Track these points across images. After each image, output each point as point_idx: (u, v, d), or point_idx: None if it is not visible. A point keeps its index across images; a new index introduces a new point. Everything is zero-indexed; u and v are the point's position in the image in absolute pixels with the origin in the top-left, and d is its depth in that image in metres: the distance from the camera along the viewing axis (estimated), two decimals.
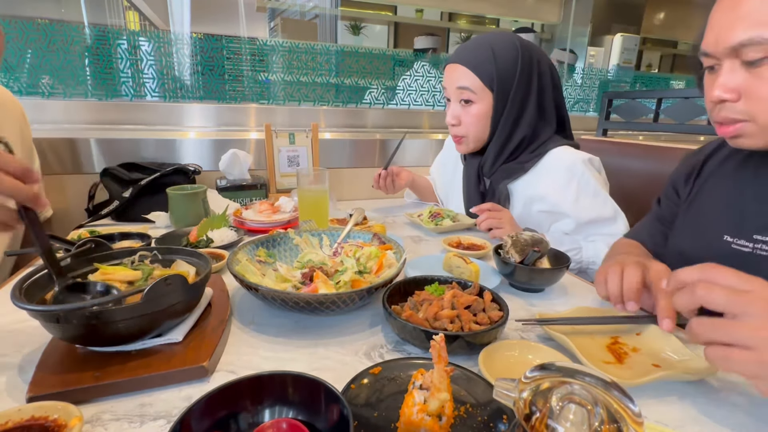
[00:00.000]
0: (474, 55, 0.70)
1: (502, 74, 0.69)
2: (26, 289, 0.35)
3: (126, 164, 0.87)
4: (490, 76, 0.69)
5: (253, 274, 0.48)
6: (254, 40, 1.18)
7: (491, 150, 0.75)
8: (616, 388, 0.22)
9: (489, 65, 0.69)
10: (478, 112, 0.71)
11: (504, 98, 0.70)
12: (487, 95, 0.71)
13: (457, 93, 0.72)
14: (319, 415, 0.28)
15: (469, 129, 0.74)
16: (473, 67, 0.69)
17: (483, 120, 0.72)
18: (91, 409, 0.32)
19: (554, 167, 0.71)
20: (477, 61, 0.69)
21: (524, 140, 0.73)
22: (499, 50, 0.70)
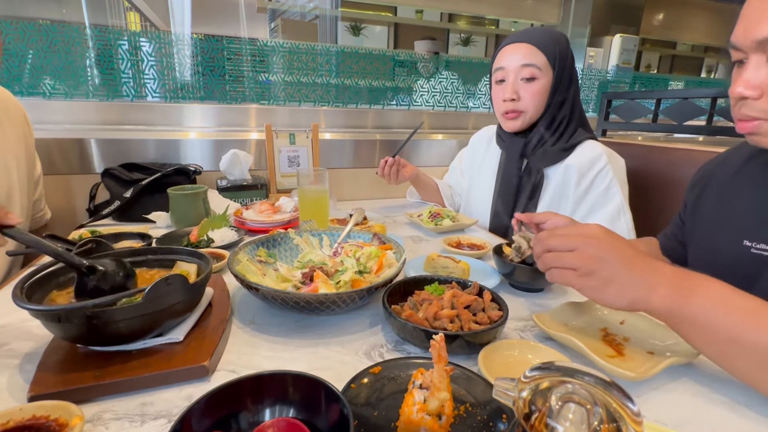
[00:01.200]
0: (539, 36, 0.78)
1: (562, 56, 0.77)
2: (27, 288, 0.36)
3: (127, 164, 0.87)
4: (554, 55, 0.76)
5: (253, 273, 0.48)
6: (255, 41, 1.18)
7: (540, 126, 0.80)
8: (615, 387, 0.22)
9: (553, 46, 0.76)
10: (541, 88, 0.77)
11: (560, 77, 0.78)
12: (549, 72, 0.77)
13: (520, 70, 0.77)
14: (319, 415, 0.28)
15: (530, 104, 0.78)
16: (541, 46, 0.76)
17: (543, 95, 0.78)
18: (92, 408, 0.32)
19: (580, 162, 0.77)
20: (544, 41, 0.77)
21: (564, 119, 0.80)
22: (557, 36, 0.79)
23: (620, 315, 0.46)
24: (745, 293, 0.35)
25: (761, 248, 0.46)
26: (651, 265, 0.37)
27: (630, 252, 0.37)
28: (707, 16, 3.02)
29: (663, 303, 0.36)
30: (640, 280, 0.36)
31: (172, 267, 0.46)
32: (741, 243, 0.48)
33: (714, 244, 0.52)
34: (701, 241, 0.55)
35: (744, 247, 0.47)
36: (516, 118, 0.80)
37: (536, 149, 0.81)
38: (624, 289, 0.37)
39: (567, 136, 0.80)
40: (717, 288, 0.35)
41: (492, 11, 1.62)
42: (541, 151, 0.80)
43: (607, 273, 0.37)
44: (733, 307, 0.34)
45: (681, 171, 0.85)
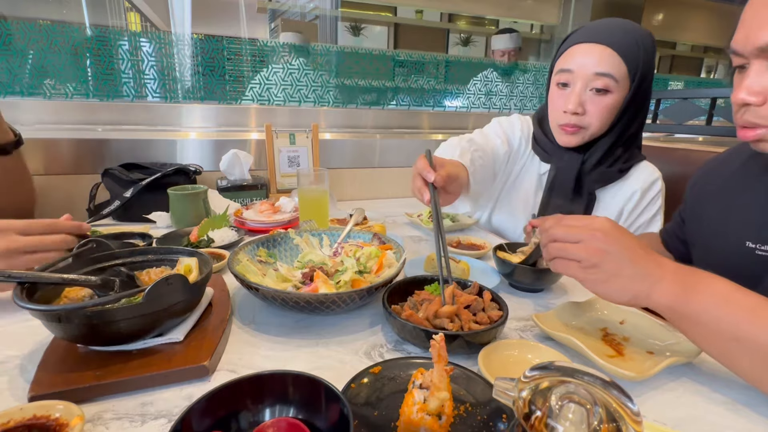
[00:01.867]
0: (621, 38, 0.61)
1: (646, 66, 0.62)
2: (28, 288, 0.36)
3: (127, 164, 0.87)
4: (636, 65, 0.61)
5: (253, 273, 0.48)
6: (255, 41, 1.19)
7: (602, 144, 0.67)
8: (615, 387, 0.22)
9: (637, 53, 0.60)
10: (612, 103, 0.62)
11: (637, 91, 0.63)
12: (626, 85, 0.62)
13: (591, 79, 0.62)
14: (319, 414, 0.28)
15: (595, 120, 0.64)
16: (623, 52, 0.60)
17: (613, 112, 0.64)
18: (93, 408, 0.32)
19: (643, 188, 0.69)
20: (626, 46, 0.60)
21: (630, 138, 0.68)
22: (644, 38, 0.62)
23: (620, 315, 0.46)
24: (750, 291, 0.34)
25: (765, 250, 0.45)
26: (655, 260, 0.37)
27: (635, 246, 0.37)
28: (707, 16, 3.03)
29: (665, 299, 0.36)
30: (644, 275, 0.36)
31: (174, 265, 0.46)
32: (745, 245, 0.47)
33: (718, 246, 0.52)
34: (705, 242, 0.55)
35: (748, 249, 0.47)
36: (576, 132, 0.66)
37: (593, 169, 0.68)
38: (627, 283, 0.36)
39: (627, 155, 0.68)
40: (720, 285, 0.35)
41: (492, 11, 1.62)
42: (598, 172, 0.68)
43: (611, 266, 0.36)
44: (737, 305, 0.33)
45: (680, 171, 0.85)
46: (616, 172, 0.69)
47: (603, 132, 0.67)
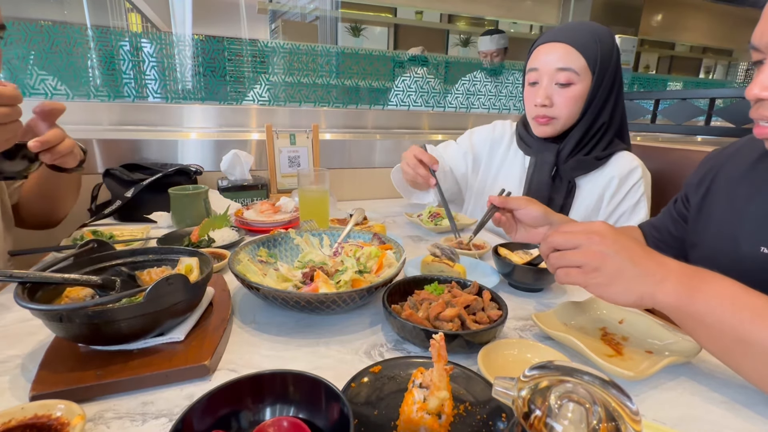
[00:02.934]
0: (579, 35, 0.68)
1: (604, 57, 0.68)
2: (29, 288, 0.36)
3: (128, 165, 0.88)
4: (594, 59, 0.68)
5: (254, 273, 0.48)
6: (255, 42, 1.19)
7: (575, 133, 0.73)
8: (614, 386, 0.22)
9: (594, 47, 0.68)
10: (576, 94, 0.69)
11: (600, 83, 0.70)
12: (587, 77, 0.69)
13: (555, 74, 0.69)
14: (319, 414, 0.28)
15: (563, 111, 0.71)
16: (581, 47, 0.67)
17: (579, 102, 0.71)
18: (94, 407, 0.32)
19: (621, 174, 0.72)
20: (583, 42, 0.68)
21: (602, 127, 0.73)
22: (602, 35, 0.70)
23: (619, 314, 0.46)
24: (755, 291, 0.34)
25: None
26: (657, 259, 0.37)
27: (635, 247, 0.37)
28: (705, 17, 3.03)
29: (669, 298, 0.35)
30: (647, 275, 0.36)
31: (175, 265, 0.46)
32: (759, 250, 0.45)
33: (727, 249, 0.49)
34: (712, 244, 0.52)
35: (762, 255, 0.45)
36: (547, 123, 0.73)
37: (570, 158, 0.74)
38: (630, 284, 0.36)
39: (603, 144, 0.73)
40: (725, 285, 0.35)
41: (491, 12, 1.63)
42: (575, 160, 0.74)
43: (612, 268, 0.36)
44: (742, 305, 0.33)
45: (679, 171, 0.85)
46: (593, 160, 0.73)
47: (574, 122, 0.73)
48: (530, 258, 0.57)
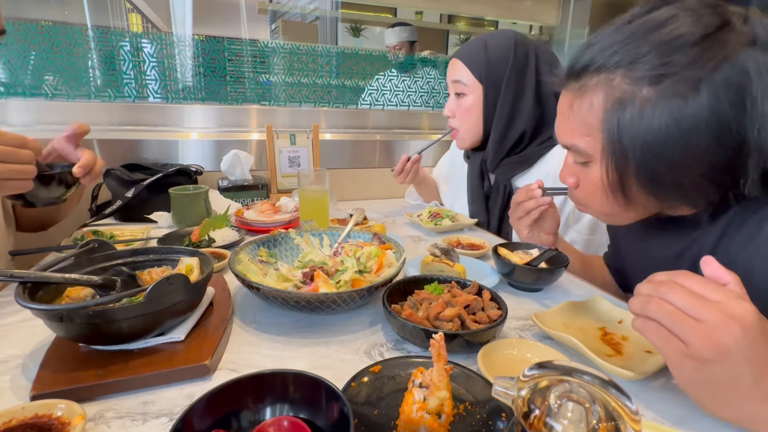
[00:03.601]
0: (468, 49, 0.75)
1: (492, 66, 0.71)
2: (30, 288, 0.36)
3: (128, 165, 0.88)
4: (479, 68, 0.72)
5: (254, 273, 0.48)
6: (255, 42, 1.19)
7: (491, 144, 0.77)
8: (613, 386, 0.22)
9: (478, 57, 0.72)
10: (469, 104, 0.75)
11: (495, 91, 0.73)
12: (477, 87, 0.74)
13: (452, 86, 0.77)
14: (319, 413, 0.28)
15: (462, 122, 0.77)
16: (465, 60, 0.74)
17: (473, 112, 0.75)
18: (94, 407, 0.32)
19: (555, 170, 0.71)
20: (469, 55, 0.74)
21: (525, 135, 0.74)
22: (492, 44, 0.73)
23: (618, 314, 0.46)
24: None
25: None
26: None
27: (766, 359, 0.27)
28: None
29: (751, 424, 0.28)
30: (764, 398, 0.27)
31: (175, 265, 0.46)
32: None
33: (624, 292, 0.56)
34: None
35: None
36: (456, 136, 0.80)
37: (499, 164, 0.78)
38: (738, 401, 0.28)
39: (533, 146, 0.75)
40: None
41: (491, 12, 1.63)
42: (503, 165, 0.77)
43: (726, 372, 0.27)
44: None
45: None
46: (522, 160, 0.75)
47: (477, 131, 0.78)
48: (530, 258, 0.57)
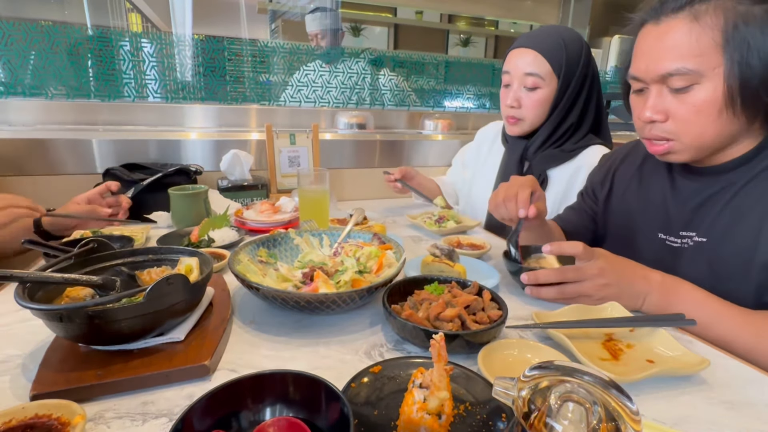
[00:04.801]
0: (546, 41, 0.74)
1: (570, 63, 0.74)
2: (30, 288, 0.36)
3: (128, 164, 0.88)
4: (559, 64, 0.73)
5: (254, 273, 0.48)
6: (255, 42, 1.19)
7: (542, 133, 0.79)
8: (614, 386, 0.22)
9: (559, 52, 0.73)
10: (542, 98, 0.75)
11: (566, 86, 0.75)
12: (553, 81, 0.75)
13: (523, 78, 0.75)
14: (319, 414, 0.28)
15: (529, 113, 0.77)
16: (546, 53, 0.73)
17: (545, 105, 0.76)
18: (94, 407, 0.32)
19: (589, 164, 0.75)
20: (549, 48, 0.73)
21: (571, 128, 0.78)
22: (569, 40, 0.75)
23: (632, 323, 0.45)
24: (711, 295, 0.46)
25: (672, 240, 0.54)
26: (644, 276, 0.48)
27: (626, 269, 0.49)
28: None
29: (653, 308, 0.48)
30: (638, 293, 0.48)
31: (175, 265, 0.46)
32: (657, 236, 0.56)
33: (632, 237, 0.60)
34: (619, 233, 0.63)
35: (660, 240, 0.56)
36: (516, 123, 0.80)
37: (537, 153, 0.81)
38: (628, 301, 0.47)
39: (573, 141, 0.79)
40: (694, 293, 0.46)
41: (491, 12, 1.63)
42: (542, 155, 0.80)
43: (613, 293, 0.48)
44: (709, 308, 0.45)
45: None
46: (562, 153, 0.79)
47: (540, 122, 0.79)
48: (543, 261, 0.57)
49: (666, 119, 0.48)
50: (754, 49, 0.42)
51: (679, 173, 0.55)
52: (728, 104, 0.45)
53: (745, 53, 0.43)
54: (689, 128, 0.47)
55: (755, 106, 0.45)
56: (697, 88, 0.45)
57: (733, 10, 0.43)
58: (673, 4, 0.46)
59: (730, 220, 0.49)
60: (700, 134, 0.47)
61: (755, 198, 0.47)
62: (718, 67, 0.44)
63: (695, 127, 0.47)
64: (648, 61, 0.48)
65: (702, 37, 0.44)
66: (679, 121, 0.47)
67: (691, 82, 0.45)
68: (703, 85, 0.45)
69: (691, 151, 0.49)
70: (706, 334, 0.45)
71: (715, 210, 0.50)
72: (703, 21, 0.44)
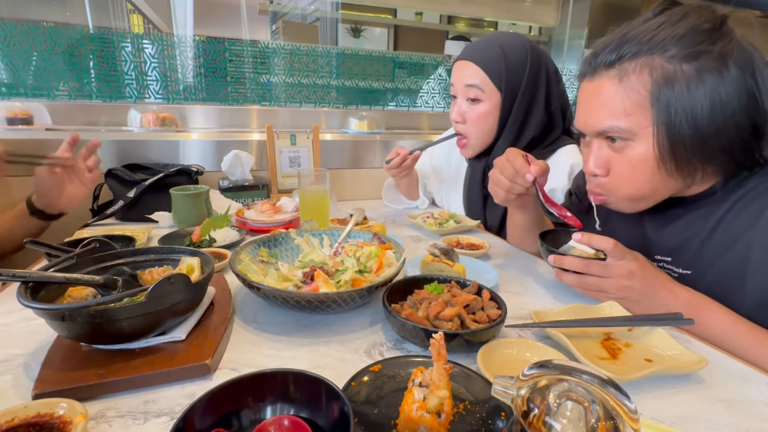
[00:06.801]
0: (484, 53, 0.70)
1: (512, 74, 0.69)
2: (32, 287, 0.36)
3: (130, 165, 0.88)
4: (499, 75, 0.69)
5: (255, 273, 0.49)
6: (256, 43, 1.19)
7: (499, 149, 0.74)
8: (612, 385, 0.22)
9: (499, 64, 0.68)
10: (485, 111, 0.71)
11: (512, 98, 0.70)
12: (495, 94, 0.70)
13: (465, 90, 0.72)
14: (320, 412, 0.28)
15: (473, 128, 0.73)
16: (483, 65, 0.69)
17: (488, 119, 0.72)
18: (96, 406, 0.32)
19: (560, 166, 0.71)
20: (487, 60, 0.69)
21: (533, 141, 0.74)
22: (509, 50, 0.69)
23: None
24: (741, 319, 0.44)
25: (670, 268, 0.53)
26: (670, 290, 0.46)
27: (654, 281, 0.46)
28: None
29: None
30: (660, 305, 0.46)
31: (176, 265, 0.46)
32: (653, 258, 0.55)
33: None
34: None
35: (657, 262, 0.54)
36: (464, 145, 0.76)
37: None
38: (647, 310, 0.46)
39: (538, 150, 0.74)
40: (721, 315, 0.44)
41: (491, 13, 1.63)
42: None
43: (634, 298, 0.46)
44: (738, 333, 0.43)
45: None
46: None
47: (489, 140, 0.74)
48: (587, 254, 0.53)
49: (607, 173, 0.49)
50: (682, 110, 0.41)
51: None
52: (660, 163, 0.44)
53: (672, 115, 0.42)
54: (624, 183, 0.47)
55: (690, 164, 0.44)
56: (632, 144, 0.45)
57: (660, 69, 0.42)
58: (604, 58, 0.45)
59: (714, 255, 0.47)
60: (636, 190, 0.47)
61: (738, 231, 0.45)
62: (648, 127, 0.43)
63: (631, 183, 0.47)
64: (586, 116, 0.48)
65: (628, 98, 0.44)
66: (616, 176, 0.48)
67: (626, 138, 0.45)
68: (636, 142, 0.45)
69: (627, 203, 0.49)
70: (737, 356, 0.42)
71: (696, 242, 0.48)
72: (629, 82, 0.43)
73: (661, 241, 0.53)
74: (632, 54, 0.43)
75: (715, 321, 0.44)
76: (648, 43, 0.43)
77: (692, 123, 0.41)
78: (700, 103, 0.41)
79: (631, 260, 0.46)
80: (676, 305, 0.45)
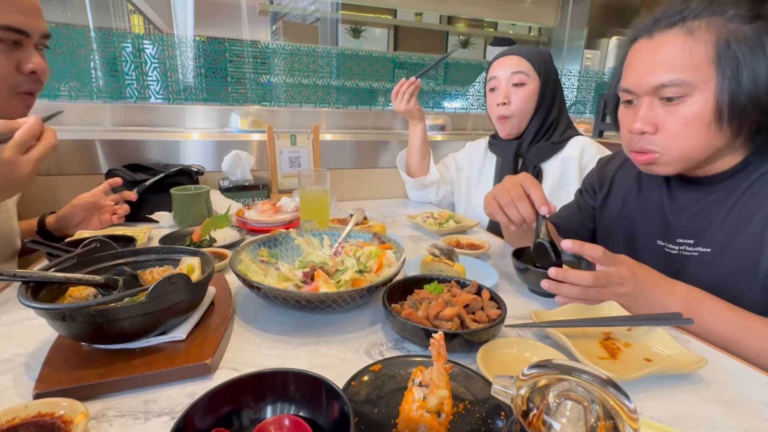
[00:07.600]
0: (525, 49, 0.89)
1: (545, 64, 0.87)
2: (33, 287, 0.36)
3: (131, 165, 0.88)
4: (539, 64, 0.86)
5: (255, 273, 0.49)
6: (256, 43, 1.20)
7: (533, 126, 0.88)
8: (612, 384, 0.22)
9: (538, 56, 0.88)
10: (529, 93, 0.86)
11: (546, 83, 0.87)
12: (535, 79, 0.86)
13: (511, 77, 0.86)
14: (320, 412, 0.28)
15: (517, 108, 0.87)
16: (527, 56, 0.87)
17: (531, 99, 0.87)
18: (97, 405, 0.32)
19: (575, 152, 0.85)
20: (529, 52, 0.88)
21: (555, 121, 0.89)
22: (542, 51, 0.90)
23: None
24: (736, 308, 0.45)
25: (670, 247, 0.55)
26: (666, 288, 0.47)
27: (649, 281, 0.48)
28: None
29: None
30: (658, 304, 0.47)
31: (177, 264, 0.46)
32: (656, 242, 0.57)
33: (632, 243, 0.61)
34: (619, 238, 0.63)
35: (659, 246, 0.56)
36: (505, 122, 0.88)
37: (530, 147, 0.88)
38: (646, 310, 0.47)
39: (558, 132, 0.88)
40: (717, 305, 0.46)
41: (491, 14, 1.63)
42: (536, 148, 0.87)
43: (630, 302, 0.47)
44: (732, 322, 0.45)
45: None
46: (551, 144, 0.88)
47: (528, 117, 0.88)
48: None
49: (655, 131, 0.49)
50: (744, 66, 0.44)
51: (677, 183, 0.56)
52: (716, 118, 0.46)
53: (735, 70, 0.44)
54: (677, 141, 0.48)
55: (741, 122, 0.46)
56: (689, 100, 0.46)
57: (724, 28, 0.45)
58: (667, 20, 0.48)
59: (733, 230, 0.49)
60: (687, 147, 0.48)
61: (755, 207, 0.48)
62: (710, 81, 0.45)
63: (683, 140, 0.47)
64: (641, 74, 0.49)
65: (696, 51, 0.45)
66: (668, 133, 0.48)
67: (682, 94, 0.46)
68: (694, 97, 0.46)
69: (676, 164, 0.49)
70: (734, 349, 0.43)
71: (716, 220, 0.50)
72: (697, 35, 0.45)
73: (683, 225, 0.53)
74: (696, 14, 0.46)
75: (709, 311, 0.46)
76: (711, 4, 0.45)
77: (752, 79, 0.44)
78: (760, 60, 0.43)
79: (621, 264, 0.47)
80: (673, 301, 0.46)
